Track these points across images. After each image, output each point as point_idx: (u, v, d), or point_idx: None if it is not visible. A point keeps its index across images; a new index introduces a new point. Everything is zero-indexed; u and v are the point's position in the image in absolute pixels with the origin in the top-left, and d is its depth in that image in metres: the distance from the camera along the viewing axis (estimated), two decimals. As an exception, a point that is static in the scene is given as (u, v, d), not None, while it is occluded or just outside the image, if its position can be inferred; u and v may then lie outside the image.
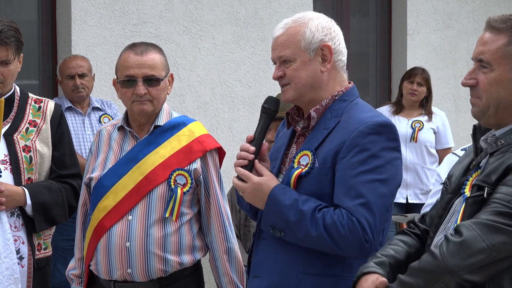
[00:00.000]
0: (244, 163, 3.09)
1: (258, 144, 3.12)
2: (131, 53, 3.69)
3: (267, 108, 3.16)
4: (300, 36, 3.08)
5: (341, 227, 2.92)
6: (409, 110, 7.28)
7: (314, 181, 3.02)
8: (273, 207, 3.02)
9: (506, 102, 2.60)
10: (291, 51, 3.08)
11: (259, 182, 3.04)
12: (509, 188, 2.49)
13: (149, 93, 3.67)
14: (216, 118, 7.62)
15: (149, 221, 3.67)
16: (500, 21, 2.63)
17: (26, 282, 3.95)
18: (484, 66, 2.62)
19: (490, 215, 2.48)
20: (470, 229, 2.48)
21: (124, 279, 3.69)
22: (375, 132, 3.00)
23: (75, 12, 6.83)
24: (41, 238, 4.02)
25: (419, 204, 7.06)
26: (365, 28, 9.03)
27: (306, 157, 3.05)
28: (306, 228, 2.95)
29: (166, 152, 3.73)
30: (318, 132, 3.08)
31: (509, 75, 2.59)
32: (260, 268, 3.13)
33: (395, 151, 3.05)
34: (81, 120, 6.27)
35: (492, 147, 2.62)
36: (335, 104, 3.10)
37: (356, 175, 2.95)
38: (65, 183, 4.04)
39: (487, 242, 2.46)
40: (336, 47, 3.13)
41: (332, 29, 3.15)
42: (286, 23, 3.13)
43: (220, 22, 7.60)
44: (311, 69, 3.08)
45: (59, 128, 4.06)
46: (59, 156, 4.04)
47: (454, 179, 2.77)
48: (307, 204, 2.97)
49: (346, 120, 3.05)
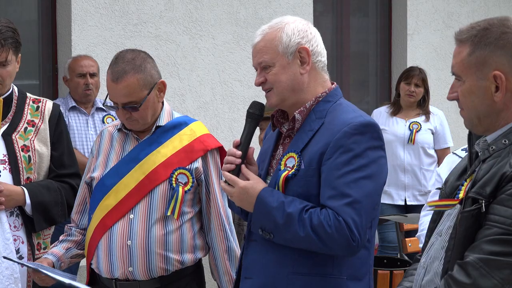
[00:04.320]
0: (231, 168, 3.14)
1: (244, 148, 3.17)
2: (110, 75, 3.68)
3: (252, 112, 3.22)
4: (277, 41, 3.12)
5: (328, 227, 2.97)
6: (407, 111, 7.27)
7: (301, 182, 3.06)
8: (261, 210, 3.06)
9: (485, 109, 2.61)
10: (269, 56, 3.13)
11: (245, 186, 3.09)
12: (507, 210, 2.49)
13: (132, 115, 3.68)
14: (216, 118, 7.62)
15: (151, 220, 3.67)
16: (465, 31, 2.64)
17: (26, 282, 3.96)
18: (458, 79, 2.65)
19: (493, 245, 2.48)
20: (477, 267, 2.49)
21: (125, 277, 3.70)
22: (358, 133, 3.03)
23: (75, 12, 6.84)
24: (41, 237, 4.02)
25: (417, 206, 7.06)
26: (365, 28, 9.03)
27: (292, 159, 3.09)
28: (294, 229, 3.00)
29: (167, 151, 3.74)
30: (303, 134, 3.12)
31: (477, 83, 2.60)
32: (251, 269, 3.17)
33: (379, 149, 3.07)
34: (85, 120, 6.27)
35: (484, 154, 2.63)
36: (318, 105, 3.14)
37: (341, 175, 2.99)
38: (64, 183, 4.05)
39: (497, 278, 2.47)
40: (314, 49, 3.16)
41: (309, 32, 3.17)
42: (263, 29, 3.18)
43: (220, 22, 7.60)
44: (291, 73, 3.13)
45: (58, 128, 4.06)
46: (58, 156, 4.05)
47: (449, 183, 2.78)
48: (294, 205, 3.01)
49: (330, 121, 3.09)
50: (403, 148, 7.20)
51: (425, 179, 7.20)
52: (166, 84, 3.79)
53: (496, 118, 2.61)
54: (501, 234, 2.47)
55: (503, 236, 2.47)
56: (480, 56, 2.58)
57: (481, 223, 2.53)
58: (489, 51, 2.57)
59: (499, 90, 2.58)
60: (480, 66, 2.58)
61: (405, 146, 7.20)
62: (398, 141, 7.19)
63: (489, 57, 2.57)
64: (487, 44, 2.58)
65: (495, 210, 2.50)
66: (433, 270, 2.67)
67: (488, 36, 2.58)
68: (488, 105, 2.60)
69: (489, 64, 2.57)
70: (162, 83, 3.76)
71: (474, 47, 2.60)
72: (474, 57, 2.59)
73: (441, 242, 2.68)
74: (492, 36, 2.58)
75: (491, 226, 2.49)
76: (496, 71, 2.56)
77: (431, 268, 2.69)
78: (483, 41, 2.58)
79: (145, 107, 3.68)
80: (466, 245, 2.54)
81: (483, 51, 2.58)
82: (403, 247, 6.35)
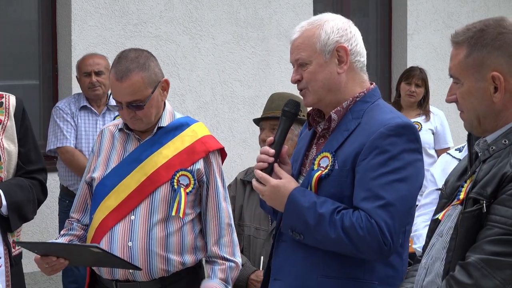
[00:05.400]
0: (264, 166, 3.06)
1: (278, 147, 3.10)
2: (114, 75, 3.65)
3: (287, 111, 3.14)
4: (315, 39, 3.06)
5: (360, 229, 2.90)
6: (407, 111, 7.28)
7: (334, 183, 3.00)
8: (292, 210, 2.99)
9: (484, 111, 2.60)
10: (306, 54, 3.06)
11: (277, 184, 3.02)
12: (508, 210, 2.49)
13: (136, 114, 3.67)
14: (216, 118, 7.62)
15: (152, 221, 3.67)
16: (461, 33, 2.64)
17: (5, 281, 3.89)
18: (456, 82, 2.64)
19: (494, 245, 2.47)
20: (478, 267, 2.48)
21: (126, 278, 3.69)
22: (395, 134, 2.97)
23: (75, 12, 6.83)
24: (14, 235, 3.96)
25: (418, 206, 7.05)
26: (365, 28, 9.03)
27: (326, 159, 3.02)
28: (325, 230, 2.93)
29: (169, 152, 3.73)
30: (339, 134, 3.05)
31: (476, 84, 2.59)
32: (281, 271, 3.11)
33: (415, 152, 3.01)
34: (94, 120, 6.26)
35: (484, 154, 2.63)
36: (356, 105, 3.07)
37: (376, 177, 2.93)
38: (33, 179, 3.98)
39: (499, 279, 2.46)
40: (353, 48, 3.10)
41: (349, 30, 3.12)
42: (302, 26, 3.13)
43: (220, 22, 7.60)
44: (327, 71, 3.06)
45: (23, 123, 3.97)
46: (25, 152, 3.97)
47: (450, 184, 2.78)
48: (326, 206, 2.95)
49: (366, 121, 3.03)
50: (403, 148, 7.19)
51: (425, 179, 7.19)
52: (170, 82, 3.79)
53: (495, 119, 2.61)
54: (503, 234, 2.47)
55: (504, 237, 2.47)
56: (477, 57, 2.58)
57: (482, 224, 2.52)
58: (486, 52, 2.57)
59: (497, 91, 2.57)
60: (478, 68, 2.58)
61: (405, 146, 7.20)
62: (398, 141, 7.18)
63: (487, 58, 2.57)
64: (484, 45, 2.57)
65: (496, 211, 2.49)
66: (434, 270, 2.67)
67: (485, 37, 2.58)
68: (487, 106, 2.60)
69: (486, 65, 2.57)
70: (166, 82, 3.74)
71: (471, 48, 2.59)
72: (471, 59, 2.59)
73: (442, 242, 2.67)
74: (488, 37, 2.57)
75: (492, 226, 2.49)
76: (494, 72, 2.56)
77: (432, 268, 2.68)
78: (479, 43, 2.58)
79: (149, 105, 3.67)
80: (468, 246, 2.54)
81: (480, 52, 2.58)
82: (403, 247, 6.34)
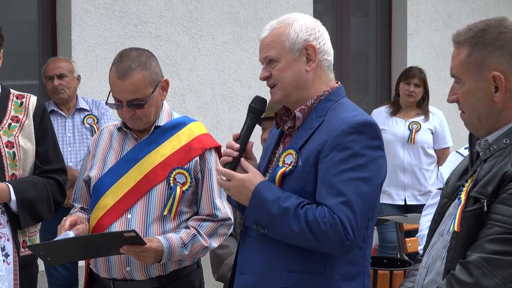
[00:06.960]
0: (228, 160, 3.12)
1: (243, 142, 3.15)
2: (115, 73, 3.66)
3: (254, 107, 3.21)
4: (284, 37, 3.12)
5: (323, 224, 2.96)
6: (406, 111, 7.28)
7: (297, 179, 3.06)
8: (257, 203, 3.05)
9: (485, 111, 2.61)
10: (276, 52, 3.12)
11: (243, 179, 3.07)
12: (509, 209, 2.49)
13: (136, 113, 3.67)
14: (216, 118, 7.63)
15: (148, 220, 3.67)
16: (462, 33, 2.64)
17: (13, 280, 3.89)
18: (457, 82, 2.65)
19: (495, 244, 2.48)
20: (479, 266, 2.49)
21: (123, 277, 3.70)
22: (357, 131, 3.02)
23: (75, 12, 6.84)
24: (26, 235, 3.95)
25: (417, 206, 7.06)
26: (365, 28, 9.04)
27: (290, 156, 3.09)
28: (289, 224, 2.99)
29: (166, 151, 3.74)
30: (303, 132, 3.12)
31: (477, 84, 2.60)
32: (246, 265, 3.17)
33: (377, 149, 3.06)
34: (63, 122, 6.23)
35: (485, 153, 2.63)
36: (320, 104, 3.14)
37: (338, 173, 2.98)
38: (50, 178, 3.98)
39: (499, 277, 2.47)
40: (321, 47, 3.16)
41: (317, 29, 3.17)
42: (272, 24, 3.18)
43: (220, 22, 7.61)
44: (296, 69, 3.12)
45: (42, 123, 4.00)
46: (43, 152, 3.99)
47: (451, 183, 2.78)
48: (290, 200, 3.01)
49: (329, 119, 3.09)
50: (403, 148, 7.20)
51: (424, 179, 7.21)
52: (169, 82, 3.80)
53: (496, 119, 2.62)
54: (503, 233, 2.48)
55: (505, 235, 2.47)
56: (478, 57, 2.59)
57: (483, 223, 2.53)
58: (487, 52, 2.58)
59: (498, 90, 2.58)
60: (479, 67, 2.59)
61: (405, 146, 7.21)
62: (398, 141, 7.19)
63: (488, 58, 2.58)
64: (485, 45, 2.58)
65: (496, 210, 2.50)
66: (435, 269, 2.68)
67: (486, 37, 2.59)
68: (488, 106, 2.61)
69: (487, 65, 2.58)
70: (166, 82, 3.76)
71: (472, 48, 2.60)
72: (472, 59, 2.60)
73: (443, 241, 2.68)
74: (489, 37, 2.58)
75: (493, 225, 2.50)
76: (495, 72, 2.57)
77: (433, 268, 2.69)
78: (481, 42, 2.59)
79: (149, 105, 3.68)
80: (468, 245, 2.54)
81: (482, 52, 2.58)
82: (403, 247, 6.35)
